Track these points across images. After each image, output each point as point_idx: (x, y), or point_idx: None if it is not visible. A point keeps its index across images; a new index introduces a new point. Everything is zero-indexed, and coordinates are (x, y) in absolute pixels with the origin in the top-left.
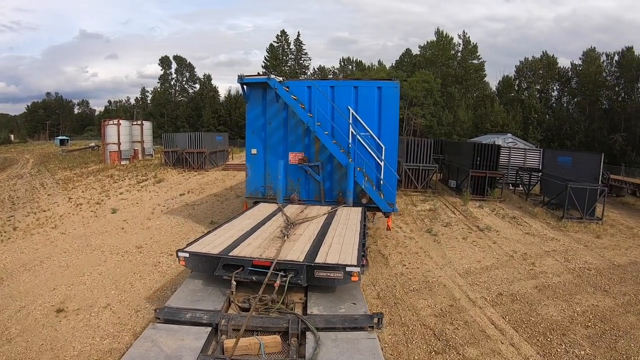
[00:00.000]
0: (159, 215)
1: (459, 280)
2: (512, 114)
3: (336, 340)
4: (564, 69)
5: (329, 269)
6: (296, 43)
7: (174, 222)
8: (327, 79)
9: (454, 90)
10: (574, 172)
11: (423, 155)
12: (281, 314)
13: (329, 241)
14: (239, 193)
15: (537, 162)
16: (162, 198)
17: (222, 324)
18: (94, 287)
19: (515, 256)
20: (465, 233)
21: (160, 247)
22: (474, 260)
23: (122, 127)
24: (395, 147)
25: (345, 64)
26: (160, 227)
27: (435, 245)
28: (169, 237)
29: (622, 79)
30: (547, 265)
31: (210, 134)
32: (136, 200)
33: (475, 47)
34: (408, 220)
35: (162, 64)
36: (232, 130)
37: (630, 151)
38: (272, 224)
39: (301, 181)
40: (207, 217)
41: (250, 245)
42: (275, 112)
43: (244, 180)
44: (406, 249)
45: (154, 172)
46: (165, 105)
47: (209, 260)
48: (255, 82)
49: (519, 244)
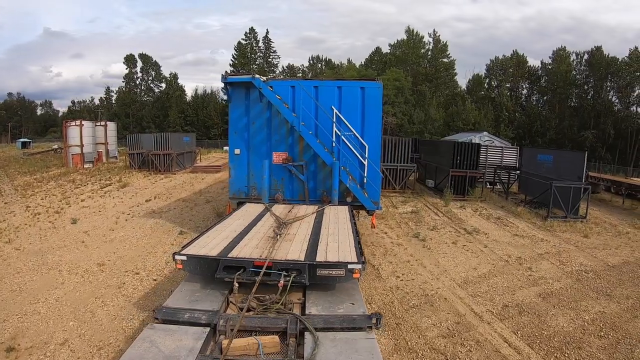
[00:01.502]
0: (123, 225)
1: (459, 291)
2: (483, 112)
3: (335, 341)
4: (534, 67)
5: (330, 267)
6: (265, 41)
7: (139, 233)
8: (310, 79)
9: (425, 88)
10: (556, 170)
11: (401, 155)
12: (280, 314)
13: (324, 240)
14: (209, 197)
15: (514, 160)
16: (126, 205)
17: (220, 324)
18: (49, 317)
19: (510, 261)
20: (453, 237)
21: (124, 264)
22: (470, 267)
23: (84, 129)
24: (379, 146)
25: (314, 62)
26: (124, 240)
27: (425, 251)
28: (134, 251)
29: (591, 78)
30: (544, 269)
31: (177, 135)
32: (99, 207)
33: (446, 46)
34: (392, 224)
35: (127, 63)
36: (199, 130)
37: (600, 148)
38: (264, 224)
39: (285, 181)
40: (175, 226)
41: (247, 246)
42: (259, 112)
43: (214, 183)
44: (396, 257)
45: (119, 176)
46: (131, 106)
47: (208, 263)
48: (238, 81)
49: (510, 247)
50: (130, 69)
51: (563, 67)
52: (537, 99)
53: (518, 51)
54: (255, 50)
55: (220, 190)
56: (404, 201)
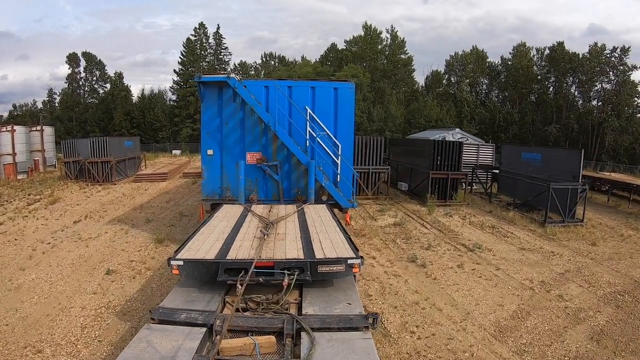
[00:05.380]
0: (38, 261)
1: (498, 347)
2: (445, 108)
3: (331, 341)
4: (494, 63)
5: (331, 263)
6: (215, 37)
7: (56, 274)
8: (284, 79)
9: (384, 84)
10: (545, 169)
11: (372, 156)
12: (276, 314)
13: (316, 238)
14: (150, 215)
15: (491, 158)
16: (50, 229)
17: (217, 325)
18: None
19: (534, 288)
20: (455, 257)
21: (25, 333)
22: (494, 303)
23: (17, 135)
24: (351, 145)
25: (267, 60)
26: (34, 286)
27: (432, 283)
28: (43, 307)
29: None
30: (575, 295)
31: (117, 139)
32: (17, 234)
33: (404, 42)
34: (378, 244)
35: (70, 62)
36: (146, 133)
37: (564, 142)
38: (250, 225)
39: (259, 181)
40: (103, 260)
41: (242, 247)
42: (232, 112)
43: (157, 195)
44: (399, 296)
45: (51, 189)
46: (74, 108)
47: (206, 266)
48: (211, 81)
49: (524, 266)
50: (72, 68)
51: (524, 62)
52: (497, 94)
53: (467, 50)
54: (205, 47)
55: (165, 205)
56: (381, 210)
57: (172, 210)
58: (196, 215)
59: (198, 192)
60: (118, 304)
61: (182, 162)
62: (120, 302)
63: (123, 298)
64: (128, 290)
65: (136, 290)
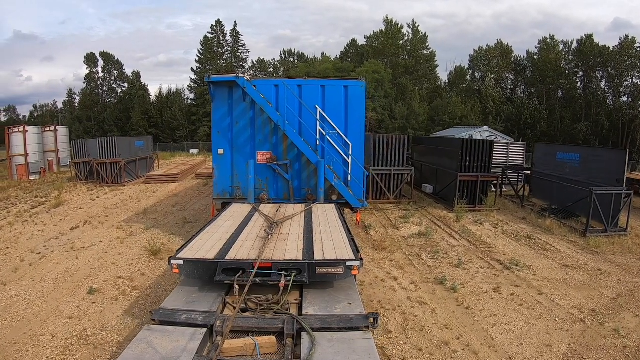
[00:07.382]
0: (22, 275)
1: None
2: (470, 105)
3: (332, 341)
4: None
5: (330, 265)
6: (233, 34)
7: (36, 291)
8: (294, 78)
9: (406, 81)
10: (583, 171)
11: (395, 156)
12: (277, 315)
13: (318, 238)
14: (152, 222)
15: (521, 158)
16: (45, 236)
17: (217, 325)
18: None
19: (585, 320)
20: (490, 277)
21: None
22: (540, 343)
23: (29, 135)
24: (362, 144)
25: (286, 57)
26: (10, 306)
27: (464, 315)
28: (13, 335)
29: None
30: (632, 329)
31: (128, 139)
32: (10, 241)
33: (425, 37)
34: (401, 261)
35: (88, 62)
36: (164, 132)
37: (594, 140)
38: (255, 225)
39: (269, 180)
40: (88, 276)
41: (243, 247)
42: (242, 112)
43: (165, 198)
44: (424, 333)
45: (58, 191)
46: (93, 108)
47: (205, 266)
48: (221, 81)
49: (570, 289)
50: (90, 68)
51: (552, 55)
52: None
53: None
54: (222, 44)
55: (170, 209)
56: (404, 217)
57: (176, 215)
58: (201, 222)
59: (207, 195)
60: (92, 334)
61: (197, 162)
62: (95, 331)
63: (99, 325)
64: (107, 315)
65: (115, 317)
